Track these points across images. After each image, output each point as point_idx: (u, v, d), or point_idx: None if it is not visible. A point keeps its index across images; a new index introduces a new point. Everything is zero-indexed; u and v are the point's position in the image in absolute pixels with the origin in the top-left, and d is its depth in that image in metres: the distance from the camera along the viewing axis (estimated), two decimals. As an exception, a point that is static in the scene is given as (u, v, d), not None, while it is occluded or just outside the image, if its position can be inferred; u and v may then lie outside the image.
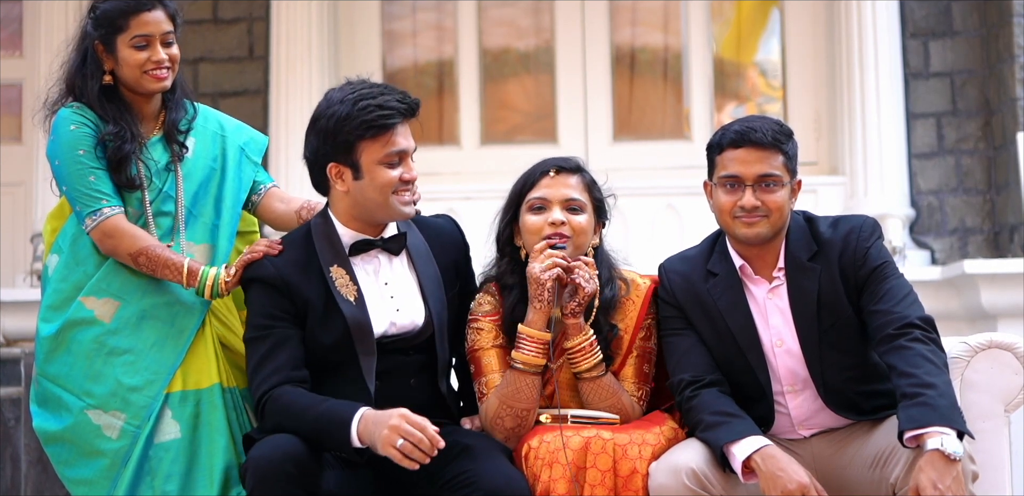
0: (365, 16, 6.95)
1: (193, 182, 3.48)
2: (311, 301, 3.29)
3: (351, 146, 3.27)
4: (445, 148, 6.86)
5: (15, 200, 6.78)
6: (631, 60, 6.98)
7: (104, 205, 3.36)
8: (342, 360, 3.29)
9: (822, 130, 6.70)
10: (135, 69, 3.41)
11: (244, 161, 3.57)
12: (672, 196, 6.47)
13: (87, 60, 3.44)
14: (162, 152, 3.47)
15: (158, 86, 3.44)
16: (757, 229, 3.30)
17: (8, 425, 5.23)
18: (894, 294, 3.26)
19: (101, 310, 3.37)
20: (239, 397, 3.41)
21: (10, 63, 6.90)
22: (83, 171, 3.36)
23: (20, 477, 5.17)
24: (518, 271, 3.41)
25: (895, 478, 3.09)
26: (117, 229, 3.36)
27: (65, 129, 3.39)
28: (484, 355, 3.39)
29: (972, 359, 3.36)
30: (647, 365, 3.42)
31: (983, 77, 6.40)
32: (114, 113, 3.41)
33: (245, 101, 6.54)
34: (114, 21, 3.40)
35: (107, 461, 3.31)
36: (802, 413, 3.34)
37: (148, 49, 3.41)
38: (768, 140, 3.28)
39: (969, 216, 6.39)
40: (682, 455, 3.16)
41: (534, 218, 3.39)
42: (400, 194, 3.30)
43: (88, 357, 3.35)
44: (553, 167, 3.42)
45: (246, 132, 3.63)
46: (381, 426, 3.06)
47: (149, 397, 3.32)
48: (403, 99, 3.29)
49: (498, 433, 3.31)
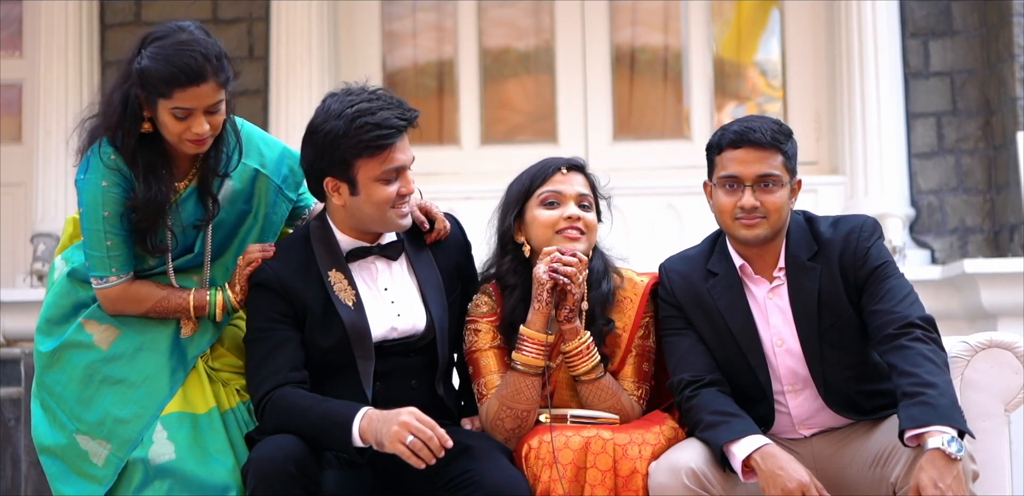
0: (365, 16, 6.95)
1: (222, 230, 3.37)
2: (310, 305, 3.29)
3: (348, 164, 3.22)
4: (445, 148, 6.86)
5: (15, 200, 6.77)
6: (631, 60, 6.98)
7: (112, 273, 3.27)
8: (340, 364, 3.29)
9: (822, 130, 6.70)
10: (173, 136, 3.19)
11: (279, 201, 3.43)
12: (672, 196, 6.47)
13: (128, 104, 3.17)
14: (193, 209, 3.31)
15: (195, 150, 3.23)
16: (756, 231, 3.30)
17: (8, 425, 5.23)
18: (895, 294, 3.26)
19: (100, 336, 3.33)
20: (243, 413, 3.35)
21: (10, 63, 6.89)
22: (102, 234, 3.23)
23: (20, 477, 5.17)
24: (520, 270, 3.40)
25: (895, 477, 3.09)
26: (121, 297, 3.29)
27: (96, 182, 3.21)
28: (482, 357, 3.39)
29: (972, 358, 3.36)
30: (646, 364, 3.42)
31: (983, 77, 6.40)
32: (146, 167, 3.20)
33: (245, 101, 6.53)
34: (157, 87, 3.13)
35: (92, 485, 3.28)
36: (802, 412, 3.34)
37: (189, 120, 3.16)
38: (767, 140, 3.28)
39: (969, 216, 6.39)
40: (682, 455, 3.16)
41: (547, 213, 3.38)
42: (398, 207, 3.28)
43: (81, 382, 3.31)
44: (564, 164, 3.42)
45: (286, 163, 3.43)
46: (390, 423, 3.06)
47: (135, 431, 3.27)
48: (402, 115, 3.23)
49: (498, 434, 3.31)
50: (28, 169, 6.65)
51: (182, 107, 3.13)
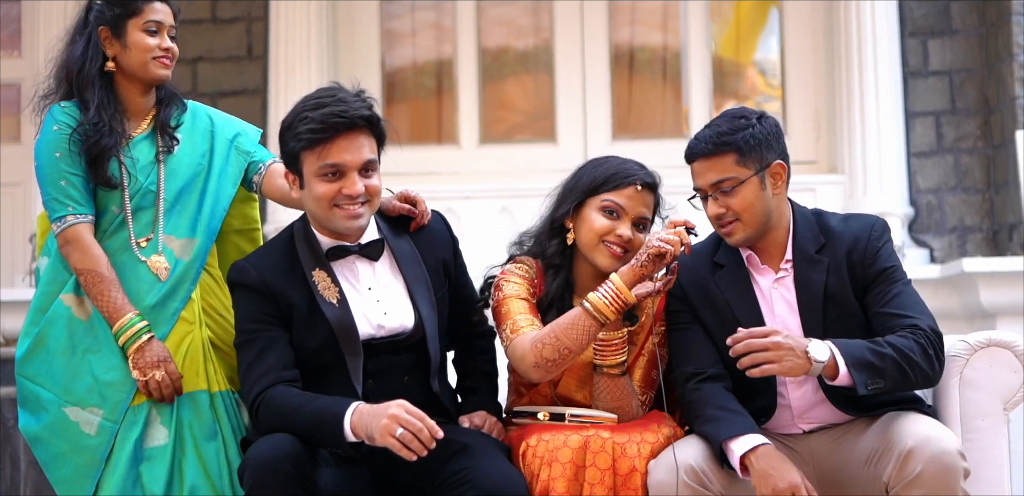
0: (364, 15, 6.95)
1: (179, 178, 3.45)
2: (295, 305, 3.29)
3: (295, 156, 3.28)
4: (444, 147, 6.85)
5: (14, 200, 6.78)
6: (630, 59, 6.98)
7: (69, 212, 3.34)
8: (329, 362, 3.29)
9: (821, 129, 6.70)
10: (144, 54, 3.41)
11: (232, 154, 3.54)
12: (671, 194, 6.40)
13: (89, 45, 3.43)
14: (148, 149, 3.45)
15: (163, 73, 3.43)
16: (736, 237, 3.34)
17: (8, 425, 5.23)
18: (905, 300, 3.27)
19: (79, 308, 3.36)
20: (232, 400, 3.40)
21: (9, 63, 6.90)
22: (57, 174, 3.34)
23: (20, 477, 5.18)
24: (568, 253, 3.42)
25: (887, 476, 3.10)
26: (76, 239, 3.33)
27: (49, 129, 3.38)
28: (512, 302, 3.36)
29: (971, 357, 3.36)
30: (655, 371, 3.42)
31: (982, 76, 6.40)
32: (102, 102, 3.39)
33: (244, 101, 6.54)
34: (128, 4, 3.42)
35: (84, 459, 3.30)
36: (803, 405, 3.34)
37: (158, 36, 3.42)
38: (710, 148, 3.32)
39: (968, 215, 6.39)
40: (680, 453, 3.16)
41: (603, 220, 3.39)
42: (344, 208, 3.26)
43: (65, 354, 3.34)
44: (641, 182, 3.43)
45: (236, 125, 3.62)
46: (380, 416, 3.06)
47: (124, 392, 3.31)
48: (343, 112, 3.22)
49: (529, 361, 3.23)
50: (27, 169, 6.56)
51: (154, 20, 3.43)
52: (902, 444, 3.09)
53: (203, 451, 3.30)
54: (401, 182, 3.57)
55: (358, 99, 3.27)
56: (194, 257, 3.42)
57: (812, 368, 3.11)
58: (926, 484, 3.03)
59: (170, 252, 3.40)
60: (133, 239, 3.40)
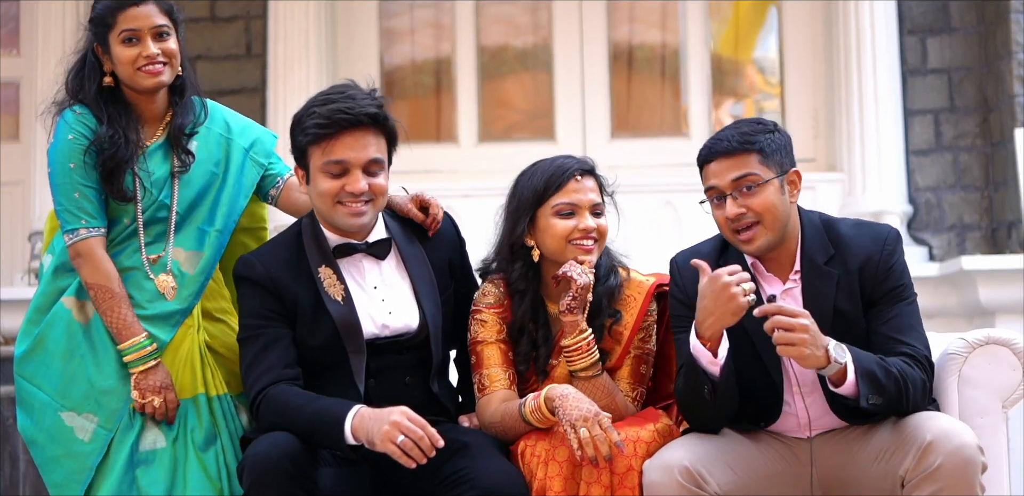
0: (363, 14, 6.95)
1: (192, 189, 3.42)
2: (300, 301, 3.29)
3: (303, 151, 3.29)
4: (443, 146, 6.86)
5: (13, 199, 6.78)
6: (629, 58, 6.98)
7: (82, 225, 3.31)
8: (332, 360, 3.29)
9: (820, 127, 6.70)
10: (127, 66, 3.34)
11: (248, 165, 3.50)
12: (670, 193, 6.47)
13: (86, 62, 3.39)
14: (161, 161, 3.40)
15: (153, 82, 3.35)
16: (757, 243, 3.25)
17: (7, 424, 5.23)
18: (906, 323, 3.23)
19: (79, 312, 3.35)
20: (229, 403, 3.39)
21: (8, 62, 6.90)
22: (70, 186, 3.31)
23: (19, 476, 5.18)
24: (531, 276, 3.40)
25: (904, 470, 3.07)
26: (89, 253, 3.31)
27: (63, 137, 3.33)
28: (486, 348, 3.38)
29: (970, 355, 3.36)
30: (644, 366, 3.41)
31: (981, 74, 6.40)
32: (112, 115, 3.35)
33: (243, 99, 6.53)
34: (104, 19, 3.35)
35: (76, 465, 3.29)
36: (810, 415, 3.31)
37: (138, 45, 3.33)
38: (734, 146, 3.24)
39: (967, 213, 6.39)
40: (675, 452, 3.15)
41: (564, 223, 3.35)
42: (346, 205, 3.26)
43: (63, 358, 3.32)
44: (578, 171, 3.39)
45: (253, 132, 3.56)
46: (381, 422, 3.06)
47: (120, 400, 3.29)
48: (349, 109, 3.23)
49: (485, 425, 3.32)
50: (26, 167, 6.65)
51: (127, 28, 3.33)
52: (921, 438, 3.06)
53: (203, 455, 3.30)
54: (400, 180, 3.56)
55: (368, 97, 3.27)
56: (199, 271, 3.40)
57: (828, 366, 3.07)
58: (945, 477, 3.00)
59: (176, 264, 3.38)
60: (144, 254, 3.38)
